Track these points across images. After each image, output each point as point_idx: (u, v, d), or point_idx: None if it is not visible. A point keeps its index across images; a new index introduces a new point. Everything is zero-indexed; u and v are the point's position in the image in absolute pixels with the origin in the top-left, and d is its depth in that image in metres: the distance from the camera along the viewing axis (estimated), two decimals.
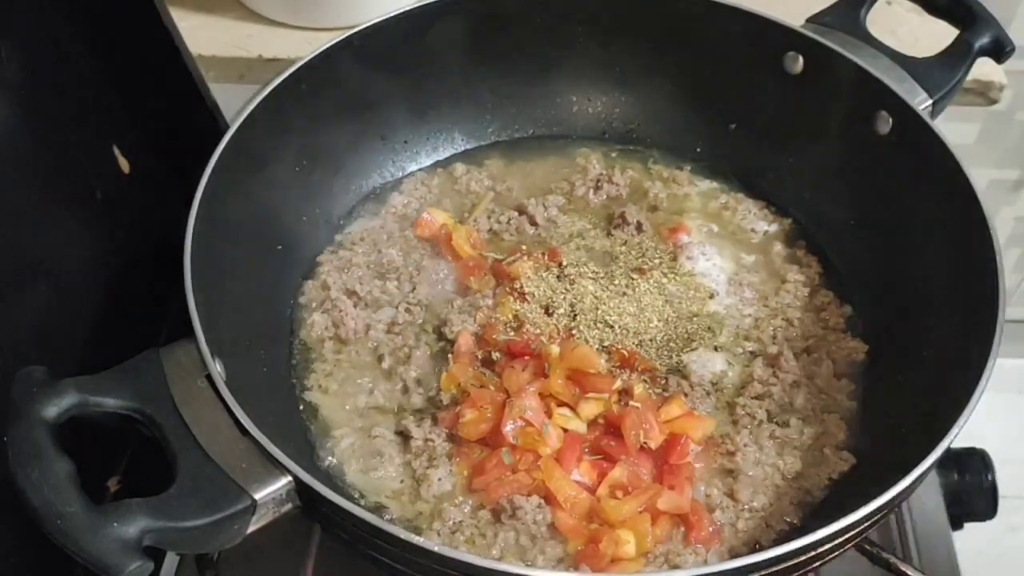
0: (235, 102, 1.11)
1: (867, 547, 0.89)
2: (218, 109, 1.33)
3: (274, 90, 1.09)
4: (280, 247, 1.14)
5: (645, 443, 1.00)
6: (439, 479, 0.99)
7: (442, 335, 1.10)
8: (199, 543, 0.79)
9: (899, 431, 0.98)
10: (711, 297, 1.16)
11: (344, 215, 1.25)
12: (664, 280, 1.16)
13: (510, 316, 1.11)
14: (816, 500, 0.99)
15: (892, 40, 1.16)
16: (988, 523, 1.22)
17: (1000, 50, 1.14)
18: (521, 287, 1.13)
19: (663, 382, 1.07)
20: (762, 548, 0.92)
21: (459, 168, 1.30)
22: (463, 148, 1.33)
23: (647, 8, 1.24)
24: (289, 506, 0.82)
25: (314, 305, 1.14)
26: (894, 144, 1.10)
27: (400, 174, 1.30)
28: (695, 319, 1.13)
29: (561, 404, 1.02)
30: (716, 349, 1.11)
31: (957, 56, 1.13)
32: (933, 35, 1.20)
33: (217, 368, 0.86)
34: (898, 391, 1.04)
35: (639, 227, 1.21)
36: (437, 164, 1.32)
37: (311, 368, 1.10)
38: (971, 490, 1.20)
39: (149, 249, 1.13)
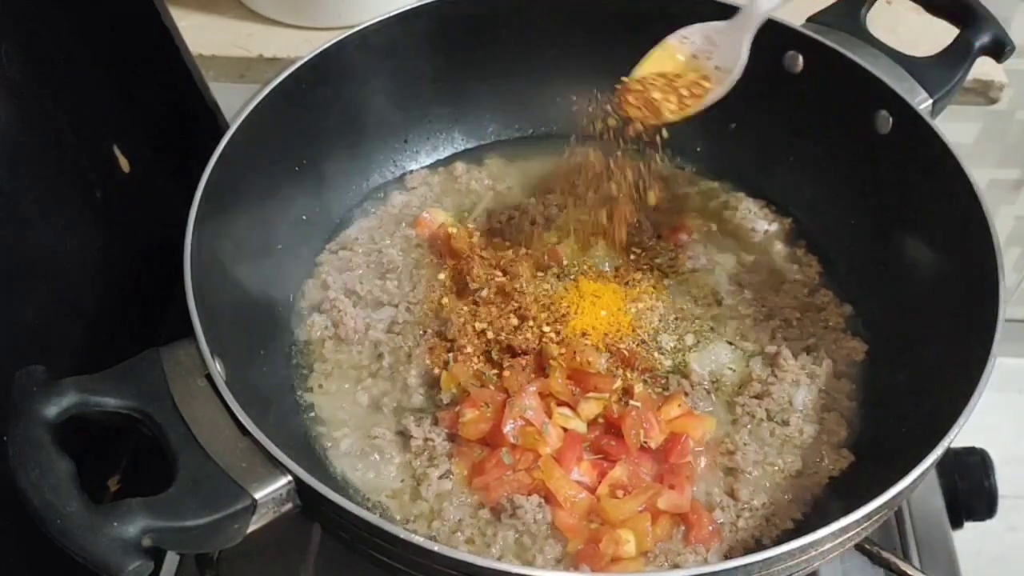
0: (235, 102, 1.12)
1: (867, 547, 0.89)
2: (218, 109, 1.33)
3: (274, 90, 1.09)
4: (280, 247, 1.14)
5: (645, 442, 1.00)
6: (439, 478, 0.99)
7: (442, 335, 1.11)
8: (199, 543, 0.79)
9: (899, 431, 0.99)
10: (711, 296, 1.16)
11: (344, 215, 1.25)
12: (665, 279, 1.16)
13: (510, 316, 1.11)
14: (816, 499, 0.99)
15: (892, 39, 1.16)
16: (988, 523, 1.21)
17: (1000, 49, 1.14)
18: (521, 287, 1.13)
19: (663, 381, 1.07)
20: (762, 547, 0.92)
21: (459, 167, 1.30)
22: (463, 147, 1.33)
23: (647, 7, 1.24)
24: (289, 506, 0.82)
25: (314, 305, 1.14)
26: (894, 144, 1.10)
27: (400, 173, 1.30)
28: (695, 319, 1.14)
29: (561, 404, 1.02)
30: (716, 348, 1.11)
31: (957, 55, 1.13)
32: (933, 34, 1.20)
33: (217, 368, 0.86)
34: (898, 391, 1.04)
35: (639, 227, 1.21)
36: (437, 163, 1.32)
37: (311, 368, 1.10)
38: (971, 490, 1.20)
39: (149, 249, 1.13)
